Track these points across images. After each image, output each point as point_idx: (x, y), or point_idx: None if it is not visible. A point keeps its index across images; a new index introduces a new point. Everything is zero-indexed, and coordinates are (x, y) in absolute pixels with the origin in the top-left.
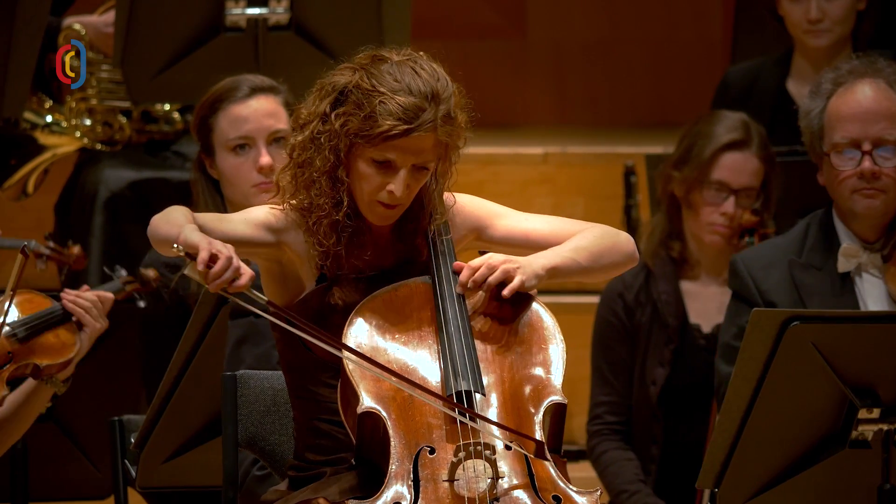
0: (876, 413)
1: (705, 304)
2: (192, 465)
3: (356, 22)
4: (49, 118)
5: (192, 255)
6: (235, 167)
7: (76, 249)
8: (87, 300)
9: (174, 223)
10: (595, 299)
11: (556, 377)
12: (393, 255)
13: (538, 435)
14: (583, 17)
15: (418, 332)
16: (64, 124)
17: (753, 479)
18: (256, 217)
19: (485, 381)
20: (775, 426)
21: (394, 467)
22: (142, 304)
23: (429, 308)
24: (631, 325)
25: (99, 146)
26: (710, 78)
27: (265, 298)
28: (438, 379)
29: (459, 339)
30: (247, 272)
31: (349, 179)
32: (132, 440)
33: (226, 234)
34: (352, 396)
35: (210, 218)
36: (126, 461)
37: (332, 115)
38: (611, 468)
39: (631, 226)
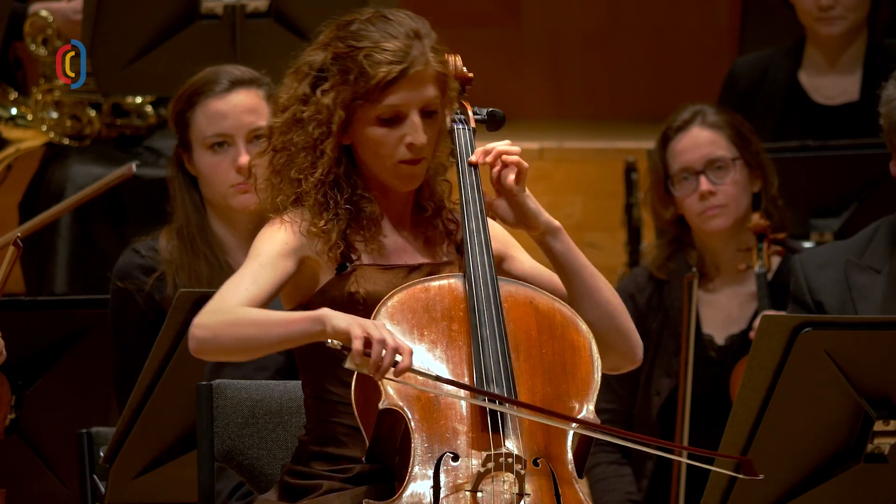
0: (893, 425)
1: (721, 313)
2: (166, 481)
3: (340, 9)
4: (13, 111)
5: (347, 347)
6: (213, 166)
7: None
8: None
9: (261, 322)
10: None
11: (590, 396)
12: (418, 250)
13: (569, 456)
14: (581, 5)
15: (448, 331)
16: (29, 117)
17: (762, 496)
18: (273, 249)
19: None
20: (786, 439)
21: (414, 470)
22: None
23: (461, 307)
24: (640, 331)
25: (66, 141)
26: (716, 69)
27: (433, 373)
28: (468, 382)
29: (494, 343)
30: (406, 350)
31: (363, 155)
32: (101, 454)
33: (263, 293)
34: (373, 391)
35: (243, 285)
36: (95, 476)
37: (318, 93)
38: (601, 484)
39: (632, 225)
